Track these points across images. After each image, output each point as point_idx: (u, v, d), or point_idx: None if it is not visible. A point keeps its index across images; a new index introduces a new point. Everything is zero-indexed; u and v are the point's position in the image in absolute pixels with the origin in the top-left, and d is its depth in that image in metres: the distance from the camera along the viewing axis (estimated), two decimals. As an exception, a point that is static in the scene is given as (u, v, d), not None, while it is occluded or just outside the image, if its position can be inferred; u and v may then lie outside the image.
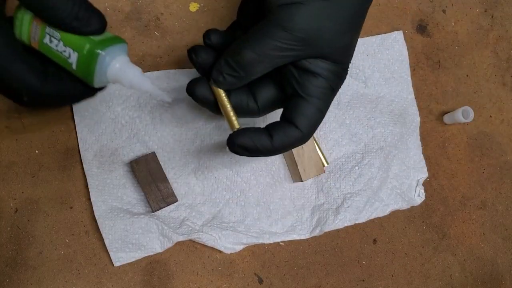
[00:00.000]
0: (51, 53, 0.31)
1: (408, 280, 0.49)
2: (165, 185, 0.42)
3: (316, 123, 0.33)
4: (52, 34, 0.30)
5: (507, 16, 0.55)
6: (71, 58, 0.30)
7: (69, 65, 0.31)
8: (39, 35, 0.31)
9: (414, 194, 0.49)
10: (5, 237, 0.41)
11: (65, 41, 0.30)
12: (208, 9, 0.46)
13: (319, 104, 0.33)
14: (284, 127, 0.33)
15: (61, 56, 0.31)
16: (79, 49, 0.30)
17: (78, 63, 0.30)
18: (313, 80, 0.32)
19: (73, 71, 0.31)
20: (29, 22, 0.30)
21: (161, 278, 0.43)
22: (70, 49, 0.30)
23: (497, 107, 0.53)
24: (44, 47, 0.31)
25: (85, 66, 0.30)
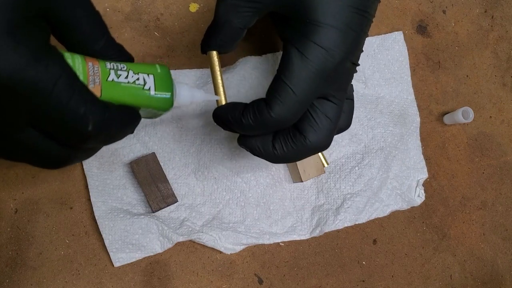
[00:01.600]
0: (120, 91, 0.27)
1: (408, 280, 0.49)
2: (165, 186, 0.42)
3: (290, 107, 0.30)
4: (116, 67, 0.27)
5: (507, 17, 0.55)
6: (147, 83, 0.28)
7: (145, 93, 0.28)
8: (100, 75, 0.26)
9: (414, 195, 0.49)
10: (5, 238, 0.41)
11: (134, 69, 0.28)
12: (208, 10, 0.46)
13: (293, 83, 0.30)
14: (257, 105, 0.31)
15: (135, 86, 0.27)
16: (151, 71, 0.28)
17: (156, 85, 0.28)
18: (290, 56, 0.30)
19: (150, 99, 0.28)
20: (83, 65, 0.26)
21: (161, 279, 0.43)
22: (144, 74, 0.28)
23: (497, 108, 0.53)
24: (110, 86, 0.27)
25: (164, 86, 0.29)
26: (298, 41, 0.30)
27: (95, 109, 0.25)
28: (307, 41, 0.29)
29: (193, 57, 0.46)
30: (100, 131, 0.25)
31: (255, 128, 0.31)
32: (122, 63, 0.28)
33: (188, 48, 0.46)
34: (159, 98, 0.29)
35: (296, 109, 0.30)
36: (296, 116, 0.31)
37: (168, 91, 0.29)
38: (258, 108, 0.31)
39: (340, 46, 0.29)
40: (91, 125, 0.25)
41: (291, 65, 0.30)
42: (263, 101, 0.31)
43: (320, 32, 0.29)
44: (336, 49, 0.29)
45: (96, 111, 0.25)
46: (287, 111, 0.30)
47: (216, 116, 0.33)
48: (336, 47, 0.29)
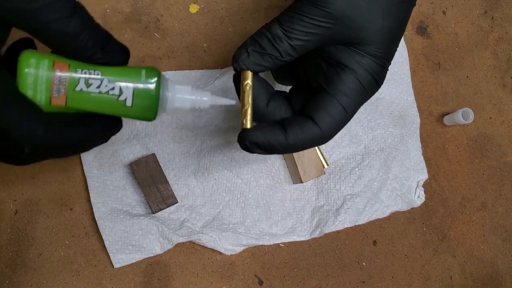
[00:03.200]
0: (89, 101, 0.25)
1: (408, 281, 0.49)
2: (165, 187, 0.42)
3: (338, 122, 0.30)
4: (89, 75, 0.25)
5: (507, 18, 0.55)
6: (123, 94, 0.25)
7: (120, 104, 0.26)
8: (66, 84, 0.24)
9: (414, 196, 0.49)
10: (5, 239, 0.41)
11: (111, 76, 0.25)
12: (208, 11, 0.46)
13: (345, 101, 0.29)
14: (301, 122, 0.30)
15: (107, 97, 0.25)
16: (134, 78, 0.26)
17: (134, 96, 0.26)
18: (341, 73, 0.29)
19: (126, 109, 0.26)
20: (48, 73, 0.24)
21: (161, 280, 0.43)
22: (121, 83, 0.25)
23: (497, 109, 0.53)
24: (76, 97, 0.25)
25: (146, 95, 0.26)
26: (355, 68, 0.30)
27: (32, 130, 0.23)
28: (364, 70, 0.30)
29: (193, 58, 0.46)
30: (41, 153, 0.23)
31: (300, 147, 0.31)
32: (99, 68, 0.25)
33: (188, 49, 0.46)
34: (137, 108, 0.26)
35: (343, 126, 0.31)
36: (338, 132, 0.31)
37: (150, 100, 0.26)
38: (305, 126, 0.30)
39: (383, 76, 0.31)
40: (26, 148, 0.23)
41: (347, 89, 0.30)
42: (307, 118, 0.30)
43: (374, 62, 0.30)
44: (381, 80, 0.31)
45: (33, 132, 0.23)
46: (336, 128, 0.30)
47: (251, 141, 0.30)
48: (382, 78, 0.31)
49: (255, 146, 0.30)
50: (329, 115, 0.29)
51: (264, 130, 0.30)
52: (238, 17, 0.47)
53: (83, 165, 0.42)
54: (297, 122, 0.30)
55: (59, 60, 0.25)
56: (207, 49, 0.46)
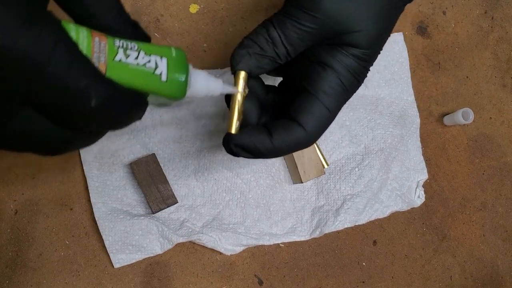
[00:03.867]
0: (127, 73, 0.24)
1: (408, 281, 0.49)
2: (165, 187, 0.42)
3: (322, 123, 0.30)
4: (126, 46, 0.24)
5: (507, 18, 0.55)
6: (159, 68, 0.25)
7: (156, 78, 0.25)
8: (106, 53, 0.23)
9: (414, 196, 0.49)
10: (5, 239, 0.41)
11: (146, 50, 0.25)
12: (208, 11, 0.46)
13: (327, 101, 0.29)
14: (286, 125, 0.30)
15: (144, 70, 0.25)
16: (166, 54, 0.25)
17: (169, 70, 0.25)
18: (322, 72, 0.29)
19: (161, 85, 0.25)
20: (88, 40, 0.23)
21: (161, 280, 0.43)
22: (156, 56, 0.25)
23: (497, 109, 0.53)
24: (116, 67, 0.24)
25: (178, 72, 0.26)
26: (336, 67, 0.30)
27: (98, 84, 0.22)
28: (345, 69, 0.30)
29: (193, 58, 0.46)
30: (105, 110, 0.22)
31: (286, 151, 0.30)
32: (134, 41, 0.25)
33: (188, 49, 0.46)
34: (170, 85, 0.26)
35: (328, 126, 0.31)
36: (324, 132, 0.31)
37: (181, 78, 0.26)
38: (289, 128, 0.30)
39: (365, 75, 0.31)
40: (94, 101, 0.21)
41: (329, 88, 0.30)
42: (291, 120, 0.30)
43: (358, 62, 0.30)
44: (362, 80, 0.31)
45: (99, 85, 0.22)
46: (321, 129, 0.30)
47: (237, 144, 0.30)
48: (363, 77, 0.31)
49: (240, 150, 0.30)
50: (313, 116, 0.29)
51: (250, 133, 0.30)
52: (238, 17, 0.47)
53: (83, 165, 0.42)
54: (282, 125, 0.30)
55: (95, 31, 0.24)
56: (207, 49, 0.46)
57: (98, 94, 0.22)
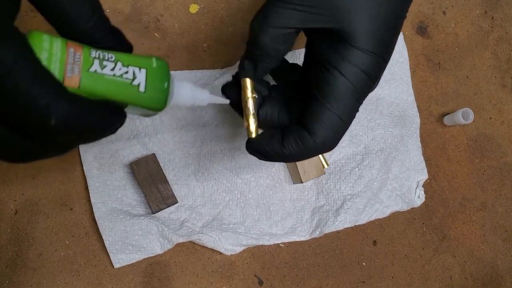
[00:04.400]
0: (102, 84, 0.24)
1: (408, 281, 0.49)
2: (165, 187, 0.42)
3: (335, 131, 0.29)
4: (102, 57, 0.24)
5: (507, 18, 0.55)
6: (137, 78, 0.25)
7: (133, 88, 0.25)
8: (81, 64, 0.23)
9: (414, 196, 0.49)
10: (5, 239, 0.41)
11: (125, 60, 0.24)
12: (208, 11, 0.46)
13: (337, 108, 0.28)
14: (296, 133, 0.29)
15: (121, 81, 0.24)
16: (145, 64, 0.25)
17: (148, 81, 0.25)
18: (329, 77, 0.28)
19: (139, 96, 0.25)
20: (62, 51, 0.23)
21: (161, 280, 0.43)
22: (134, 68, 0.25)
23: (497, 109, 0.53)
24: (91, 78, 0.23)
25: (157, 83, 0.25)
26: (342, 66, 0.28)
27: (60, 101, 0.21)
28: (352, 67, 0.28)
29: (193, 58, 0.46)
30: (67, 127, 0.22)
31: (297, 158, 0.30)
32: (111, 52, 0.24)
33: (188, 49, 0.46)
34: (149, 95, 0.25)
35: (343, 134, 0.30)
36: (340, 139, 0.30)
37: (161, 89, 0.26)
38: (301, 137, 0.29)
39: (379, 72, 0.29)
40: (53, 120, 0.21)
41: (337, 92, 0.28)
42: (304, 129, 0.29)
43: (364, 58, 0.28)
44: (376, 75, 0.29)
45: (61, 103, 0.21)
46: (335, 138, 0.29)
47: (253, 149, 0.31)
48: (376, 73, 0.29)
49: (258, 154, 0.31)
50: (324, 125, 0.28)
51: (264, 139, 0.30)
52: (238, 17, 0.47)
53: (83, 165, 0.42)
54: (293, 134, 0.29)
55: (71, 41, 0.24)
56: (207, 49, 0.46)
57: (58, 112, 0.21)
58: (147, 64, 0.25)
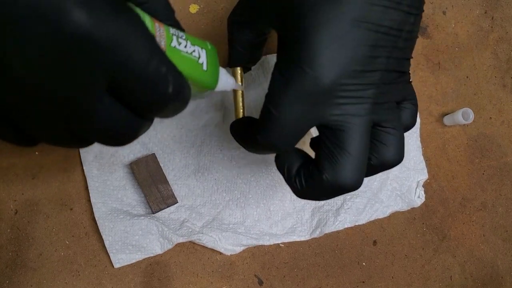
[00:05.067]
0: (179, 59, 0.26)
1: (408, 281, 0.49)
2: (165, 187, 0.42)
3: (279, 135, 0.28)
4: (178, 34, 0.26)
5: (507, 18, 0.55)
6: (201, 57, 0.27)
7: (199, 67, 0.27)
8: (165, 38, 0.25)
9: (414, 196, 0.49)
10: (5, 239, 0.41)
11: (191, 40, 0.27)
12: (208, 11, 0.46)
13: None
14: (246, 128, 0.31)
15: (191, 58, 0.26)
16: (204, 46, 0.27)
17: (208, 61, 0.27)
18: None
19: (202, 74, 0.27)
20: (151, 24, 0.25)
21: (161, 280, 0.43)
22: (198, 47, 0.27)
23: (497, 109, 0.53)
24: (172, 52, 0.26)
25: (213, 64, 0.28)
26: (283, 62, 0.27)
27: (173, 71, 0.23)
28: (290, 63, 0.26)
29: (193, 58, 0.46)
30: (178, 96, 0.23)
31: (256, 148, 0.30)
32: (180, 31, 0.26)
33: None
34: (209, 74, 0.27)
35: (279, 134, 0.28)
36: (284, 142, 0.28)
37: (216, 69, 0.28)
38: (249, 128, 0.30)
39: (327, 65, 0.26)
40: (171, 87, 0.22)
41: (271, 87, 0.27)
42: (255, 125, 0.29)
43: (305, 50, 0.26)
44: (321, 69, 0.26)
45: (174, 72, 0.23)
46: (272, 136, 0.28)
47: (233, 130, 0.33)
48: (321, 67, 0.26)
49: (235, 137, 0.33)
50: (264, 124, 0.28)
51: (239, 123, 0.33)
52: (238, 17, 0.47)
53: (83, 165, 0.42)
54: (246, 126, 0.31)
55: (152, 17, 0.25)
56: (207, 49, 0.46)
57: (174, 80, 0.23)
58: (205, 45, 0.27)
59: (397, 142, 0.29)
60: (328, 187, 0.28)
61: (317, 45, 0.26)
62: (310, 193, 0.29)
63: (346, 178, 0.27)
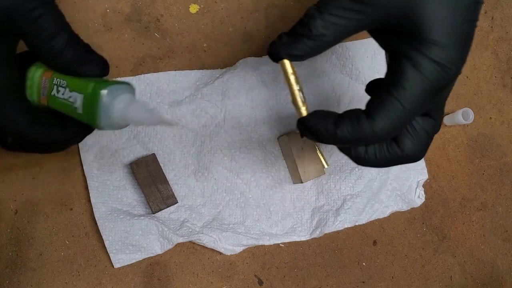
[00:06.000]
0: (58, 104, 0.32)
1: (408, 281, 0.49)
2: (165, 187, 0.42)
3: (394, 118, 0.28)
4: (59, 83, 0.31)
5: (507, 18, 0.55)
6: (77, 102, 0.31)
7: (75, 110, 0.31)
8: (47, 88, 0.32)
9: (414, 196, 0.49)
10: (5, 239, 0.41)
11: (72, 86, 0.31)
12: (208, 11, 0.46)
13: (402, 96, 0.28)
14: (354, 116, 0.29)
15: (68, 103, 0.31)
16: (84, 91, 0.30)
17: (83, 105, 0.30)
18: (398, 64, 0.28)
19: (79, 116, 0.31)
20: (39, 78, 0.32)
21: (161, 280, 0.43)
22: (76, 93, 0.31)
23: (497, 109, 0.53)
24: (52, 99, 0.32)
25: (89, 108, 0.30)
26: (412, 56, 0.28)
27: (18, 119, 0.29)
28: (423, 58, 0.28)
29: (193, 58, 0.46)
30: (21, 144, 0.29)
31: (350, 141, 0.30)
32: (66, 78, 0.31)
33: (188, 49, 0.46)
34: (86, 115, 0.31)
35: (401, 125, 0.29)
36: (398, 131, 0.30)
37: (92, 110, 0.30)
38: (358, 119, 0.29)
39: (455, 62, 0.29)
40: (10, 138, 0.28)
41: (404, 80, 0.28)
42: (363, 112, 0.29)
43: (437, 49, 0.28)
44: (452, 66, 0.28)
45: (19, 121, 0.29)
46: (391, 125, 0.28)
47: (304, 126, 0.31)
48: (452, 64, 0.28)
49: (309, 133, 0.31)
50: (384, 109, 0.28)
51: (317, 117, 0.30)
52: (238, 17, 0.47)
53: (83, 165, 0.42)
54: (350, 115, 0.29)
55: (48, 70, 0.32)
56: (207, 49, 0.46)
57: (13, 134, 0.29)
58: (84, 89, 0.30)
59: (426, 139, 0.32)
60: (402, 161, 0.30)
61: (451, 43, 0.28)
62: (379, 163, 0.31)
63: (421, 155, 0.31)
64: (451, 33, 0.28)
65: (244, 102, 0.45)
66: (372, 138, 0.29)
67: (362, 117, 0.29)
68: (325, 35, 0.29)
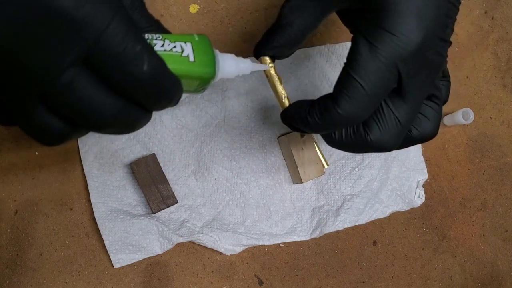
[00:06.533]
0: None
1: (408, 281, 0.49)
2: (165, 187, 0.42)
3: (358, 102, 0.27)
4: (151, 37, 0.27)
5: (507, 18, 0.55)
6: (185, 50, 0.27)
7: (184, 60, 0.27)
8: None
9: (414, 196, 0.49)
10: (5, 239, 0.41)
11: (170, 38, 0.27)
12: (208, 11, 0.46)
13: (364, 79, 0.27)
14: (322, 102, 0.29)
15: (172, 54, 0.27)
16: (189, 39, 0.28)
17: (195, 51, 0.27)
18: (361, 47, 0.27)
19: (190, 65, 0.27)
20: None
21: (161, 280, 0.43)
22: (180, 42, 0.27)
23: (497, 109, 0.53)
24: None
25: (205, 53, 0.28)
26: (366, 30, 0.27)
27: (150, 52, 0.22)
28: (376, 29, 0.27)
29: (193, 58, 0.46)
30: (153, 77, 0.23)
31: (323, 127, 0.29)
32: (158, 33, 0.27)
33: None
34: (199, 64, 0.27)
35: (366, 105, 0.28)
36: (367, 112, 0.28)
37: (208, 57, 0.28)
38: (325, 105, 0.28)
39: (414, 31, 0.26)
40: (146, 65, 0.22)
41: (358, 56, 0.27)
42: (329, 97, 0.29)
43: (391, 17, 0.26)
44: (409, 34, 0.26)
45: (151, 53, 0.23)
46: (356, 107, 0.27)
47: (284, 117, 0.32)
48: (410, 32, 0.26)
49: (288, 123, 0.32)
50: (347, 94, 0.27)
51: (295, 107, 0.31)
52: (238, 17, 0.47)
53: (83, 165, 0.42)
54: (319, 102, 0.29)
55: None
56: (207, 49, 0.46)
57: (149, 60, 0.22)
58: (190, 38, 0.28)
59: (438, 117, 0.31)
60: (368, 147, 0.29)
61: (405, 11, 0.26)
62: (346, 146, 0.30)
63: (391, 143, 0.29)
64: (407, 1, 0.26)
65: (244, 102, 0.45)
66: (340, 123, 0.28)
67: (329, 102, 0.28)
68: (293, 21, 0.30)
